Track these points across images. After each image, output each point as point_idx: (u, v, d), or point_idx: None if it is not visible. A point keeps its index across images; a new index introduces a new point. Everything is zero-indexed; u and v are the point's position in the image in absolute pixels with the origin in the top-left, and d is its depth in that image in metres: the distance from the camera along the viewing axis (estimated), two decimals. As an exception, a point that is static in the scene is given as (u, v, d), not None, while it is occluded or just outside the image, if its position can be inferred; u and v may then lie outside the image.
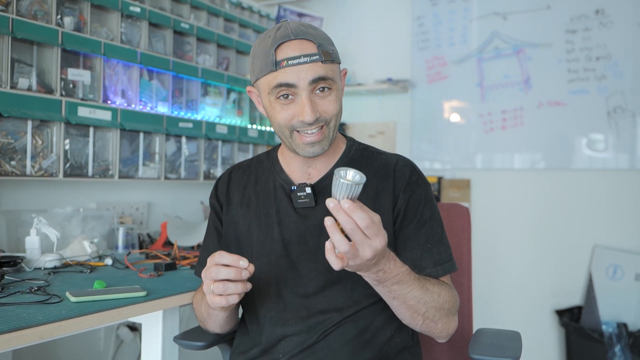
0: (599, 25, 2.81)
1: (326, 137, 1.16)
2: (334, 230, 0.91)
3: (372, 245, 0.93)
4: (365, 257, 0.93)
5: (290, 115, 1.14)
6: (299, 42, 1.12)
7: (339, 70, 1.21)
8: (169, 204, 2.63)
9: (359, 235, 0.91)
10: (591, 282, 2.75)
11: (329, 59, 1.13)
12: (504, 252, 3.03)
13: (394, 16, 3.36)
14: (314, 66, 1.11)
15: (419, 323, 1.13)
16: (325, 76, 1.12)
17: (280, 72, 1.11)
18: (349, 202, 0.90)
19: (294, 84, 1.11)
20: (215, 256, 1.03)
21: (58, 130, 1.98)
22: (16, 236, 1.93)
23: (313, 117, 1.11)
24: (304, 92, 1.12)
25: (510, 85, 3.02)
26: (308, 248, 1.19)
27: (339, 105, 1.17)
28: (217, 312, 1.19)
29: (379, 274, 1.02)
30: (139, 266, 1.76)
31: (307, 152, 1.16)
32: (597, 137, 2.82)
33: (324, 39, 1.16)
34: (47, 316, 1.14)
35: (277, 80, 1.12)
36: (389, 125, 3.35)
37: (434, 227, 1.21)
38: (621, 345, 2.50)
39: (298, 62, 1.11)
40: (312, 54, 1.11)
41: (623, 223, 2.75)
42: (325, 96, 1.14)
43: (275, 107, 1.15)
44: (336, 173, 0.92)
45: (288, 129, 1.15)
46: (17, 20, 1.82)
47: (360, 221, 0.90)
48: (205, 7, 2.71)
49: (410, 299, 1.08)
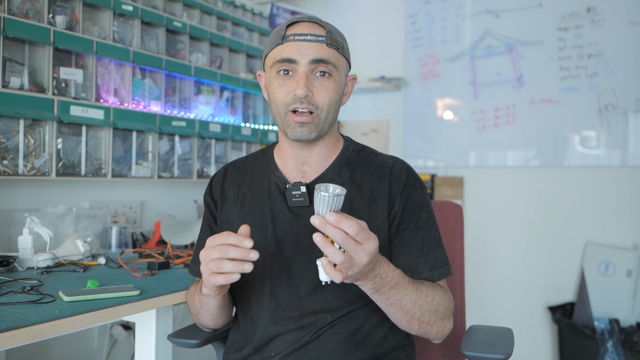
0: (590, 23, 2.83)
1: (315, 124, 1.16)
2: (325, 244, 0.92)
3: (366, 250, 0.94)
4: (362, 262, 0.94)
5: (286, 91, 1.16)
6: (310, 24, 1.18)
7: (345, 65, 1.22)
8: (162, 203, 2.63)
9: (351, 244, 0.92)
10: (583, 278, 2.77)
11: (335, 45, 1.16)
12: (496, 249, 3.05)
13: (386, 14, 3.37)
14: (318, 46, 1.15)
15: (415, 327, 1.14)
16: (327, 59, 1.15)
17: (286, 45, 1.15)
18: (334, 215, 0.91)
19: (295, 59, 1.14)
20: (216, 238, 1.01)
21: (50, 129, 1.97)
22: (8, 235, 1.92)
23: (305, 91, 1.13)
24: (303, 68, 1.14)
25: (502, 83, 3.03)
26: (301, 247, 1.19)
27: (335, 96, 1.18)
28: (210, 301, 1.18)
29: (376, 279, 1.02)
30: (132, 265, 1.76)
31: (296, 133, 1.17)
32: (589, 134, 2.83)
33: (336, 32, 1.20)
34: (40, 316, 1.14)
35: (282, 54, 1.15)
36: (382, 123, 3.36)
37: (430, 231, 1.21)
38: (613, 341, 2.52)
39: (304, 39, 1.14)
40: (319, 35, 1.15)
41: (615, 220, 2.77)
42: (323, 81, 1.16)
43: (274, 83, 1.18)
44: (316, 189, 0.93)
45: (283, 108, 1.16)
46: (9, 19, 1.81)
47: (350, 229, 0.91)
48: (198, 5, 2.70)
49: (406, 303, 1.08)
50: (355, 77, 1.28)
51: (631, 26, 2.74)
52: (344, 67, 1.22)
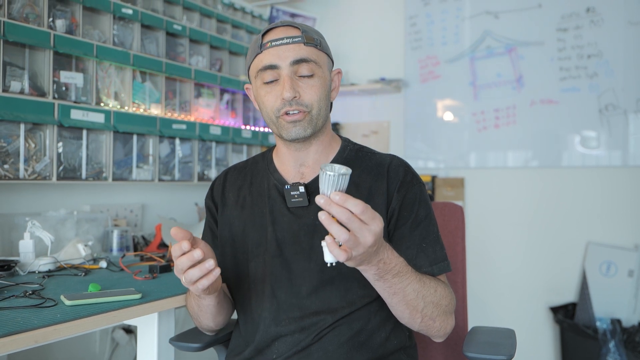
0: (590, 24, 2.83)
1: (308, 120, 1.17)
2: (330, 222, 0.91)
3: (371, 230, 0.93)
4: (367, 242, 0.93)
5: (274, 97, 1.17)
6: (284, 28, 1.19)
7: (327, 61, 1.23)
8: (163, 206, 2.63)
9: (356, 223, 0.91)
10: (585, 278, 2.76)
11: (312, 42, 1.17)
12: (498, 250, 3.04)
13: (386, 16, 3.37)
14: (296, 47, 1.16)
15: (417, 321, 1.13)
16: (307, 58, 1.16)
17: (265, 53, 1.17)
18: (339, 194, 0.91)
19: (276, 64, 1.16)
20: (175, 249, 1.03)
21: (51, 133, 1.97)
22: (10, 240, 1.92)
23: (292, 93, 1.14)
24: (285, 71, 1.16)
25: (502, 84, 3.03)
26: (302, 247, 1.19)
27: (323, 92, 1.19)
28: (205, 302, 1.19)
29: (380, 264, 1.02)
30: (133, 268, 1.76)
31: (291, 133, 1.18)
32: (590, 134, 2.83)
33: (311, 30, 1.21)
34: (42, 320, 1.14)
35: (262, 62, 1.17)
36: (383, 124, 3.36)
37: (429, 226, 1.21)
38: (615, 341, 2.52)
39: (281, 43, 1.16)
40: (295, 36, 1.17)
41: (616, 220, 2.77)
42: (308, 81, 1.17)
43: (261, 92, 1.20)
44: (322, 168, 0.93)
45: (274, 113, 1.18)
46: (9, 23, 1.81)
47: (355, 208, 0.91)
48: (197, 8, 2.71)
49: (409, 292, 1.08)
50: (340, 71, 1.29)
51: (631, 26, 2.74)
52: (327, 63, 1.23)
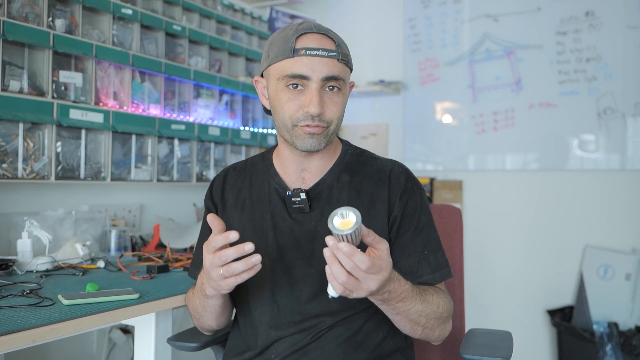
0: (589, 27, 2.84)
1: (325, 135, 1.16)
2: (333, 261, 0.91)
3: (375, 279, 0.93)
4: (370, 288, 0.93)
5: (296, 106, 1.13)
6: (320, 35, 1.14)
7: (350, 75, 1.21)
8: (161, 206, 2.63)
9: (360, 273, 0.91)
10: (582, 282, 2.77)
11: (345, 59, 1.15)
12: (495, 253, 3.05)
13: (385, 18, 3.38)
14: (330, 62, 1.12)
15: (417, 332, 1.15)
16: (338, 76, 1.13)
17: (297, 59, 1.12)
18: (348, 246, 0.89)
19: (308, 75, 1.11)
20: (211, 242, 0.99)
21: (50, 133, 1.97)
22: (8, 239, 1.92)
23: (319, 110, 1.11)
24: (315, 85, 1.12)
25: (501, 87, 3.04)
26: (302, 253, 1.19)
27: (343, 109, 1.18)
28: (212, 302, 1.17)
29: (385, 295, 1.02)
30: (131, 269, 1.76)
31: (306, 144, 1.15)
32: (588, 138, 2.84)
33: (342, 43, 1.18)
34: (40, 319, 1.14)
35: (293, 69, 1.12)
36: (382, 126, 3.36)
37: (430, 233, 1.22)
38: (612, 344, 2.52)
39: (316, 54, 1.11)
40: (331, 50, 1.13)
41: (614, 223, 2.78)
42: (333, 96, 1.15)
43: (281, 96, 1.15)
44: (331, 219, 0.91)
45: (291, 122, 1.15)
46: (8, 22, 1.81)
47: (362, 264, 0.90)
48: (197, 9, 2.71)
49: (412, 313, 1.09)
50: (354, 84, 1.27)
51: (630, 30, 2.75)
52: (349, 78, 1.21)
